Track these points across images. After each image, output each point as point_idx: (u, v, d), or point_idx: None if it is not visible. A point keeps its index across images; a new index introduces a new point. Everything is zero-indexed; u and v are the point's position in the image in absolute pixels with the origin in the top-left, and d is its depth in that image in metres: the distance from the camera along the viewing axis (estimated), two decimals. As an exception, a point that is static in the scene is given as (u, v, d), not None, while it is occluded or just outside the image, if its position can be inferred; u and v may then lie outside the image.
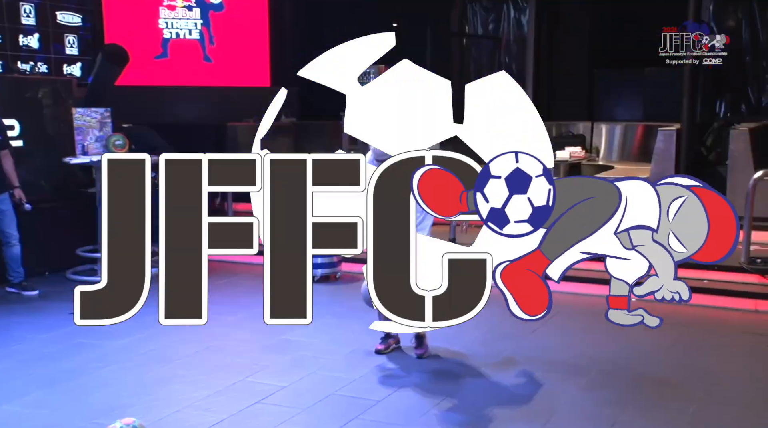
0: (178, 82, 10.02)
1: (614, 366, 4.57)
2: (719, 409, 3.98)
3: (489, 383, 4.33)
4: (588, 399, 4.10)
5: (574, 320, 5.52)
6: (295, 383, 4.30)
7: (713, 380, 4.37)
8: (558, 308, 5.86)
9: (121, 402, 3.99)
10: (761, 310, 5.75)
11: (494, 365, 4.61)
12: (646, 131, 9.11)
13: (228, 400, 4.05)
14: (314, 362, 4.64)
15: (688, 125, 7.25)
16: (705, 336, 5.22)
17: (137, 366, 4.56)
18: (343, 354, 4.79)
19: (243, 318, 5.67)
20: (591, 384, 4.32)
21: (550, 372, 4.46)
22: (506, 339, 5.08)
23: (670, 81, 7.16)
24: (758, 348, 4.95)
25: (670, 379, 4.40)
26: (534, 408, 3.97)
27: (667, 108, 8.41)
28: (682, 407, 3.99)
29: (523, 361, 4.66)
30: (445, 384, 4.30)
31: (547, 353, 4.81)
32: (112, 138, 6.79)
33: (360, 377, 4.39)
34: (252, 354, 4.80)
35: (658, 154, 7.48)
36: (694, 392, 4.20)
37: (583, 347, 4.93)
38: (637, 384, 4.31)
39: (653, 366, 4.60)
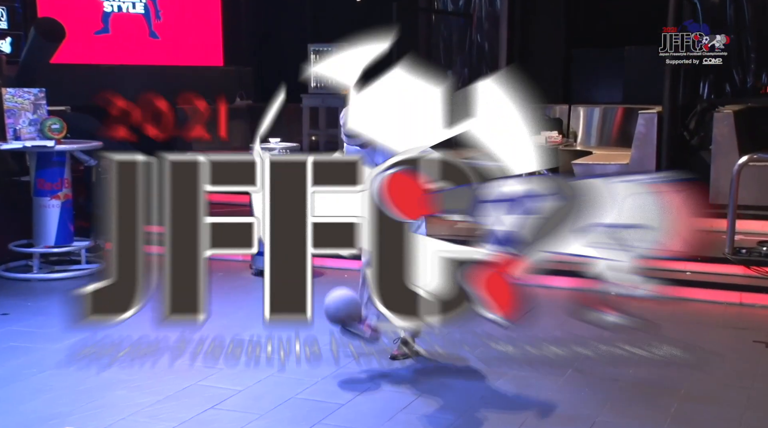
0: (120, 60, 9.82)
1: (592, 364, 4.63)
2: (701, 407, 4.05)
3: (462, 384, 4.34)
4: (565, 398, 4.14)
5: (550, 316, 5.58)
6: (252, 386, 4.28)
7: (695, 377, 4.45)
8: (535, 304, 5.91)
9: (59, 411, 3.92)
10: (746, 303, 5.87)
11: (466, 366, 4.63)
12: (626, 114, 9.23)
13: (179, 406, 4.01)
14: (272, 363, 4.62)
15: (670, 108, 7.35)
16: (687, 330, 5.30)
17: (76, 371, 4.48)
18: (304, 355, 4.77)
19: (194, 317, 5.60)
20: (568, 382, 4.36)
21: (526, 371, 4.49)
22: (480, 338, 5.11)
23: (651, 61, 7.26)
24: (743, 344, 5.04)
25: (651, 376, 4.46)
26: (508, 408, 3.99)
27: (648, 90, 8.52)
28: (663, 405, 4.05)
29: (497, 360, 4.69)
30: (413, 386, 4.30)
31: (522, 351, 4.84)
32: (48, 122, 6.63)
33: (322, 379, 4.38)
34: (204, 356, 4.75)
35: (639, 138, 7.59)
36: (676, 389, 4.27)
37: (559, 344, 4.98)
38: (615, 381, 4.37)
39: (633, 362, 4.67)
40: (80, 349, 4.83)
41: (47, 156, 6.69)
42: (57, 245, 6.80)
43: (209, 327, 5.32)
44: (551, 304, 5.94)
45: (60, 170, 6.75)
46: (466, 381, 4.38)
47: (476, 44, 10.88)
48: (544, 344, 4.96)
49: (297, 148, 6.78)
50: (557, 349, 4.85)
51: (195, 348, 4.88)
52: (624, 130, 9.24)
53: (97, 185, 7.20)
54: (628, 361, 4.68)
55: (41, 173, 6.72)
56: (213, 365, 4.58)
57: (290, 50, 11.50)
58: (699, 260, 6.26)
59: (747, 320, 5.56)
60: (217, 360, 4.67)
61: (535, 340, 5.03)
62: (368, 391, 4.21)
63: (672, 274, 6.13)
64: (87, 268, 6.82)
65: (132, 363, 4.62)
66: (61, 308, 5.87)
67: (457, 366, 4.59)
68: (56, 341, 4.97)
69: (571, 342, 5.01)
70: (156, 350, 4.83)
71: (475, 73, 10.84)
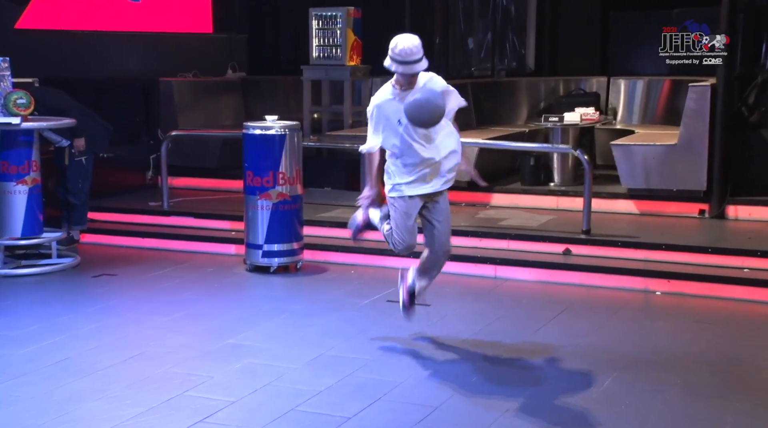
0: (95, 26, 9.78)
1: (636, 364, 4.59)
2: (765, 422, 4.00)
3: (480, 399, 4.31)
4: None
5: (584, 315, 5.55)
6: (247, 397, 4.26)
7: (749, 392, 4.40)
8: (566, 302, 5.86)
9: (25, 424, 3.91)
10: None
11: (486, 376, 4.59)
12: (674, 88, 9.12)
13: (163, 420, 3.99)
14: (269, 371, 4.59)
15: (726, 79, 7.24)
16: (742, 336, 5.25)
17: (46, 379, 4.47)
18: (305, 362, 4.75)
19: (180, 318, 5.60)
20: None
21: (568, 364, 4.46)
22: (508, 335, 5.08)
23: (705, 24, 7.17)
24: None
25: (703, 386, 4.41)
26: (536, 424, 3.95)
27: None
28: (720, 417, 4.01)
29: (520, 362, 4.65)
30: (427, 398, 4.27)
31: (559, 346, 4.82)
32: (13, 96, 6.61)
33: (326, 389, 4.35)
34: (191, 363, 4.74)
35: (689, 115, 7.48)
36: (732, 400, 4.22)
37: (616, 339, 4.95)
38: (661, 393, 4.32)
39: (677, 370, 4.61)
40: (50, 354, 4.82)
41: (12, 135, 6.68)
42: (24, 237, 6.79)
43: (198, 329, 5.34)
44: (591, 300, 5.89)
45: (27, 151, 6.73)
46: (485, 394, 4.34)
47: (501, 7, 10.79)
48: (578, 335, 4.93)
49: (297, 127, 6.73)
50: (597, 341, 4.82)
51: (182, 352, 4.87)
52: (671, 105, 9.14)
53: (70, 168, 7.19)
54: (682, 367, 4.62)
55: (6, 154, 6.71)
56: (202, 372, 4.56)
57: (289, 15, 11.45)
58: (758, 255, 6.19)
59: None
60: (207, 366, 4.64)
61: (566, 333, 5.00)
62: (377, 403, 4.18)
63: (726, 271, 6.10)
64: (58, 263, 6.82)
65: (109, 369, 4.60)
66: (29, 309, 5.89)
67: (474, 378, 4.55)
68: (23, 345, 4.96)
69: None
70: (137, 355, 4.82)
71: (499, 40, 10.76)
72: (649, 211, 7.60)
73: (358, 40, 9.19)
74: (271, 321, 5.52)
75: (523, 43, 10.97)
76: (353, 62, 9.16)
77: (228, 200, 8.22)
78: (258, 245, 6.61)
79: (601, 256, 6.54)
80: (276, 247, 6.62)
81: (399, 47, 4.55)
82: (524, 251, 6.72)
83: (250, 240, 6.66)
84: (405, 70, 4.57)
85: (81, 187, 7.25)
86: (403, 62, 4.56)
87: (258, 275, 6.66)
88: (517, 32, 10.91)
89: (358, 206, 5.04)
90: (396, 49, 4.56)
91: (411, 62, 4.55)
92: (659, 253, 6.42)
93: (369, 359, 4.78)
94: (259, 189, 6.54)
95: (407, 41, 4.56)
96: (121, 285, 6.40)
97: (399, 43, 4.56)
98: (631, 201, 7.70)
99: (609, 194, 7.78)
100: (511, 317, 5.58)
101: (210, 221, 7.77)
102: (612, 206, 7.67)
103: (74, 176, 7.20)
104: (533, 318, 5.53)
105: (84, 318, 5.53)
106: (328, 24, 9.18)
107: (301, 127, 7.23)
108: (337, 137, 8.86)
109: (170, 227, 7.83)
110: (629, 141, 7.95)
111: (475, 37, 10.78)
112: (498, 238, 6.85)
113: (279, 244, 6.62)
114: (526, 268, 6.50)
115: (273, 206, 6.54)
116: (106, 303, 5.91)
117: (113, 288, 6.31)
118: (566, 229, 6.96)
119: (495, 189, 8.07)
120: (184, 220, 7.84)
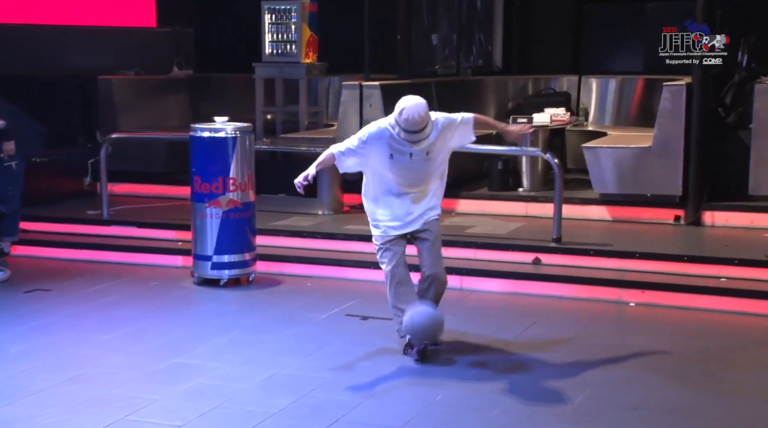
0: (28, 18, 9.65)
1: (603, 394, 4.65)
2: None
3: (457, 408, 4.33)
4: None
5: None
6: (194, 421, 4.23)
7: (728, 406, 4.48)
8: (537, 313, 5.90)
9: (-48, 454, 3.84)
10: (792, 314, 5.93)
11: (462, 388, 4.63)
12: (648, 87, 9.26)
13: (101, 447, 3.95)
14: (218, 392, 4.57)
15: (702, 78, 7.39)
16: (719, 349, 5.35)
17: (-26, 405, 4.39)
18: (258, 382, 4.73)
19: (121, 337, 5.54)
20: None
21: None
22: (474, 350, 5.12)
23: (680, 20, 7.29)
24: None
25: (681, 403, 4.49)
26: None
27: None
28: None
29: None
30: (391, 415, 4.27)
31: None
32: (-64, 95, 6.49)
33: (280, 410, 4.34)
34: (134, 385, 4.70)
35: (664, 116, 7.62)
36: (710, 418, 4.29)
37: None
38: (636, 410, 4.38)
39: (656, 384, 4.69)
40: (-21, 377, 4.74)
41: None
42: (-51, 249, 6.68)
43: (141, 348, 5.29)
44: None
45: (-47, 156, 6.62)
46: (450, 414, 4.37)
47: (467, 1, 10.87)
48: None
49: (249, 129, 6.72)
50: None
51: (123, 373, 4.82)
52: (645, 106, 9.28)
53: (0, 174, 7.08)
54: (651, 381, 4.69)
55: (-71, 159, 6.60)
56: (146, 395, 4.52)
57: (240, 8, 11.41)
58: (735, 263, 6.30)
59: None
60: (151, 388, 4.61)
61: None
62: (335, 424, 4.18)
63: (703, 281, 6.21)
64: (-13, 277, 6.72)
65: (44, 393, 4.54)
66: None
67: (438, 397, 4.58)
68: (-52, 367, 4.88)
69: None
70: (74, 377, 4.77)
71: (465, 36, 10.84)
72: (622, 217, 7.71)
73: (314, 35, 9.19)
74: (220, 338, 5.49)
75: (490, 39, 11.06)
76: (309, 59, 9.16)
77: (174, 207, 8.16)
78: (207, 256, 6.58)
79: (572, 265, 6.62)
80: (226, 258, 6.59)
81: (405, 115, 4.67)
82: (492, 261, 6.78)
83: (199, 251, 6.63)
84: (409, 138, 4.73)
85: (11, 194, 7.13)
86: (408, 131, 4.70)
87: (207, 288, 6.62)
88: (483, 28, 11.00)
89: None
90: (401, 116, 4.69)
91: (416, 132, 4.69)
92: (633, 262, 6.52)
93: (327, 378, 4.77)
94: (208, 196, 6.50)
95: (414, 110, 4.66)
96: (57, 301, 6.31)
97: (405, 110, 4.67)
98: (604, 207, 7.81)
99: (580, 200, 7.88)
100: (478, 331, 5.62)
101: (154, 231, 7.71)
102: (584, 213, 7.77)
103: (4, 183, 7.08)
104: (502, 332, 5.58)
105: (15, 338, 5.45)
106: (282, 18, 9.17)
107: (254, 129, 7.21)
108: (292, 139, 8.86)
109: (110, 237, 7.75)
110: (601, 144, 8.06)
111: (439, 32, 10.84)
112: (464, 247, 6.90)
113: (230, 255, 6.58)
114: (494, 278, 6.57)
115: (223, 215, 6.51)
116: (39, 321, 5.83)
117: (47, 305, 6.23)
118: (536, 237, 7.04)
119: (461, 195, 8.13)
120: (126, 230, 7.77)
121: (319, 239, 7.30)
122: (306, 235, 7.37)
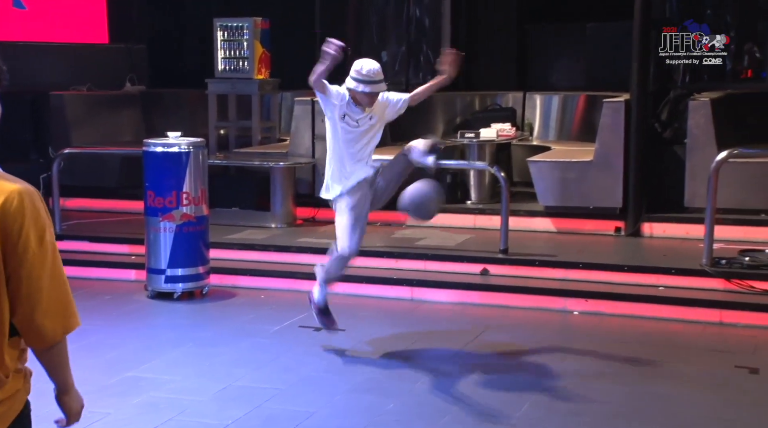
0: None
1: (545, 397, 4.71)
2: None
3: (409, 417, 4.35)
4: None
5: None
6: (148, 434, 4.19)
7: (669, 410, 4.57)
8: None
9: None
10: (727, 322, 6.04)
11: (413, 397, 4.65)
12: (589, 103, 9.40)
13: (55, 461, 3.87)
14: (172, 405, 4.53)
15: (639, 95, 7.51)
16: (660, 354, 5.45)
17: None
18: (212, 394, 4.70)
19: (73, 351, 5.30)
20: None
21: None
22: (425, 360, 5.14)
23: (618, 40, 7.41)
24: (724, 369, 5.20)
25: (623, 408, 4.56)
26: None
27: (614, 73, 8.71)
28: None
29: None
30: (344, 425, 4.28)
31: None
32: None
33: (234, 422, 4.33)
34: (87, 399, 4.45)
35: (604, 131, 7.73)
36: (651, 422, 4.37)
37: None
38: (580, 416, 4.44)
39: (596, 392, 4.76)
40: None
41: None
42: None
43: (94, 362, 5.21)
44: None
45: None
46: (402, 423, 4.39)
47: (415, 19, 10.96)
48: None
49: (202, 143, 6.68)
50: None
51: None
52: (587, 121, 9.41)
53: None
54: (591, 389, 4.77)
55: None
56: (98, 409, 4.46)
57: (192, 25, 11.35)
58: (673, 272, 6.43)
59: (728, 341, 5.73)
60: (104, 402, 4.55)
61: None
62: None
63: (643, 290, 6.32)
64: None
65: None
66: None
67: (390, 406, 4.59)
68: None
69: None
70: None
71: (414, 53, 10.91)
72: (566, 229, 7.80)
73: (266, 52, 9.17)
74: (174, 351, 5.44)
75: (438, 55, 11.11)
76: (261, 76, 9.14)
77: (128, 222, 8.06)
78: (160, 269, 6.52)
79: (518, 276, 6.69)
80: (180, 272, 6.53)
81: (366, 68, 5.10)
82: (441, 272, 6.82)
83: (152, 265, 6.56)
84: (372, 89, 5.10)
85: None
86: (370, 82, 5.09)
87: (160, 302, 6.56)
88: (431, 45, 11.09)
89: None
90: (363, 70, 5.10)
91: (377, 82, 5.12)
92: (577, 272, 6.61)
93: (280, 389, 4.77)
94: (162, 210, 6.45)
95: (372, 63, 5.16)
96: (9, 316, 6.18)
97: (364, 65, 5.12)
98: (549, 219, 7.89)
99: (526, 212, 7.94)
100: (428, 340, 5.66)
101: (107, 245, 7.60)
102: (529, 224, 7.85)
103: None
104: (451, 341, 5.62)
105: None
106: (234, 35, 9.14)
107: (207, 144, 7.17)
108: (245, 154, 8.82)
109: (63, 252, 7.38)
110: (546, 158, 8.15)
111: (388, 49, 10.91)
112: (415, 259, 6.94)
113: (183, 268, 6.53)
114: (444, 289, 6.61)
115: (176, 228, 6.46)
116: (-8, 336, 5.71)
117: None
118: (484, 248, 7.10)
119: (411, 208, 8.15)
120: (79, 244, 7.65)
121: (272, 252, 7.28)
122: (259, 248, 7.34)
